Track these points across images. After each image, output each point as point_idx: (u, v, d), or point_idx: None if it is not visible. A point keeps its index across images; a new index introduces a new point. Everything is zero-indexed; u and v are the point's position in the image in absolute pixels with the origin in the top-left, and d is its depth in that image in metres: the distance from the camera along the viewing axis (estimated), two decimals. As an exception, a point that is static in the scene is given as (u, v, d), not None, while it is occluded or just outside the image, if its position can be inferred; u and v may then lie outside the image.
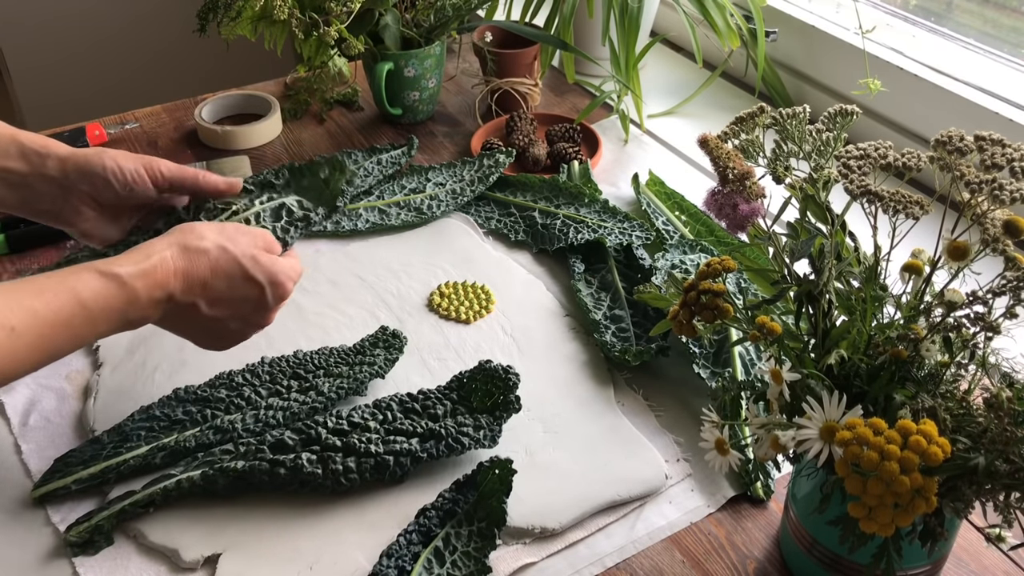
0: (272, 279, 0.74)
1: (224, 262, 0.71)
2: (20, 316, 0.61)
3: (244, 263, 0.72)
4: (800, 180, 0.65)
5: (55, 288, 0.64)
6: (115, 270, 0.66)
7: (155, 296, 0.68)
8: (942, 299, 0.57)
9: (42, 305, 0.62)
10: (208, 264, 0.71)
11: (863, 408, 0.56)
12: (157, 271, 0.68)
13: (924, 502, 0.50)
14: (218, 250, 0.71)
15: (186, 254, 0.70)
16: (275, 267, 0.74)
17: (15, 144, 0.77)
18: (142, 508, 0.73)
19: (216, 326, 0.74)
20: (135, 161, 0.79)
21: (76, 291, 0.64)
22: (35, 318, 0.62)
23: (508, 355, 0.90)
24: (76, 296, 0.64)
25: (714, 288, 0.63)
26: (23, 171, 0.77)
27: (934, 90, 1.11)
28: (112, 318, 0.66)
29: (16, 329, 0.61)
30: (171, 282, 0.69)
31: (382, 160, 1.14)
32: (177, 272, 0.69)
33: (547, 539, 0.73)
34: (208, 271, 0.71)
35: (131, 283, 0.66)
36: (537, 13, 1.27)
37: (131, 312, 0.67)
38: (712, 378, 0.84)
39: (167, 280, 0.68)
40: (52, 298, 0.63)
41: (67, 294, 0.64)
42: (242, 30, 1.13)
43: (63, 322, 0.63)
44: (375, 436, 0.76)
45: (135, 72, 2.33)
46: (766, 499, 0.77)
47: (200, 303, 0.71)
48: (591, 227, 1.01)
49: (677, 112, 1.29)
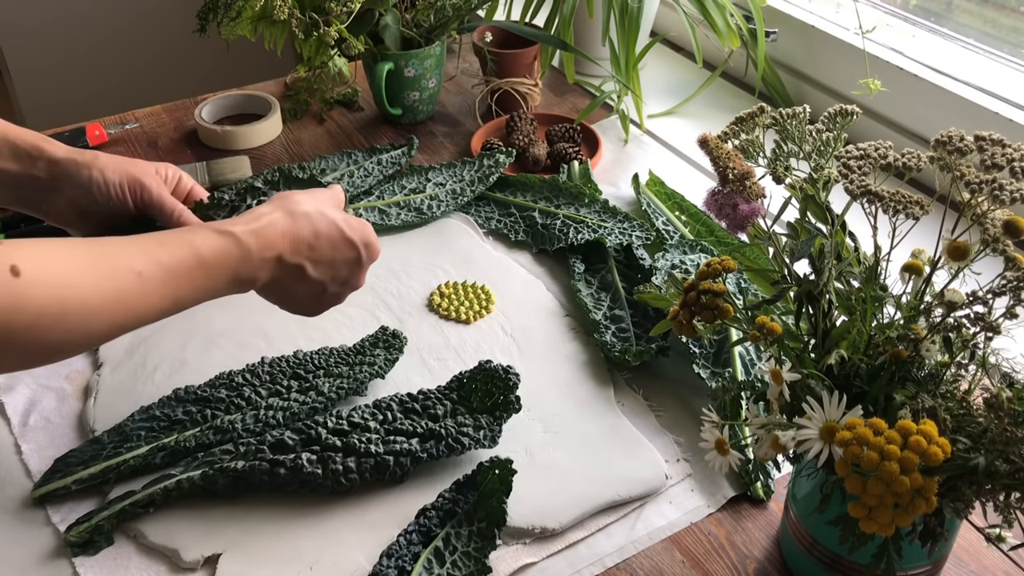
0: (365, 240, 0.77)
1: (324, 225, 0.74)
2: (145, 262, 0.63)
3: (342, 226, 0.75)
4: (800, 180, 0.65)
5: (176, 241, 0.67)
6: (229, 228, 0.69)
7: (266, 255, 0.71)
8: (942, 299, 0.57)
9: (166, 255, 0.65)
10: (311, 227, 0.74)
11: (863, 408, 0.56)
12: (267, 231, 0.71)
13: (924, 502, 0.50)
14: (318, 214, 0.74)
15: (291, 217, 0.73)
16: (366, 229, 0.78)
17: (8, 144, 0.77)
18: (142, 508, 0.73)
19: (317, 289, 0.76)
20: (122, 176, 0.79)
21: (195, 245, 0.67)
22: (159, 265, 0.64)
23: (508, 355, 0.90)
24: (195, 249, 0.67)
25: (714, 288, 0.63)
26: (13, 171, 0.77)
27: (934, 90, 1.11)
28: (226, 275, 0.69)
29: (143, 274, 0.63)
30: (279, 242, 0.72)
31: (382, 160, 1.14)
32: (286, 233, 0.72)
33: (547, 539, 0.73)
34: (311, 233, 0.73)
35: (245, 240, 0.69)
36: (537, 13, 1.27)
37: (243, 269, 0.70)
38: (712, 378, 0.84)
39: (276, 240, 0.71)
40: (175, 249, 0.66)
41: (187, 247, 0.66)
42: (242, 30, 1.13)
43: (185, 273, 0.66)
44: (375, 436, 0.76)
45: (135, 72, 2.33)
46: (766, 499, 0.77)
47: (307, 265, 0.74)
48: (591, 227, 1.01)
49: (677, 112, 1.29)
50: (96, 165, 0.78)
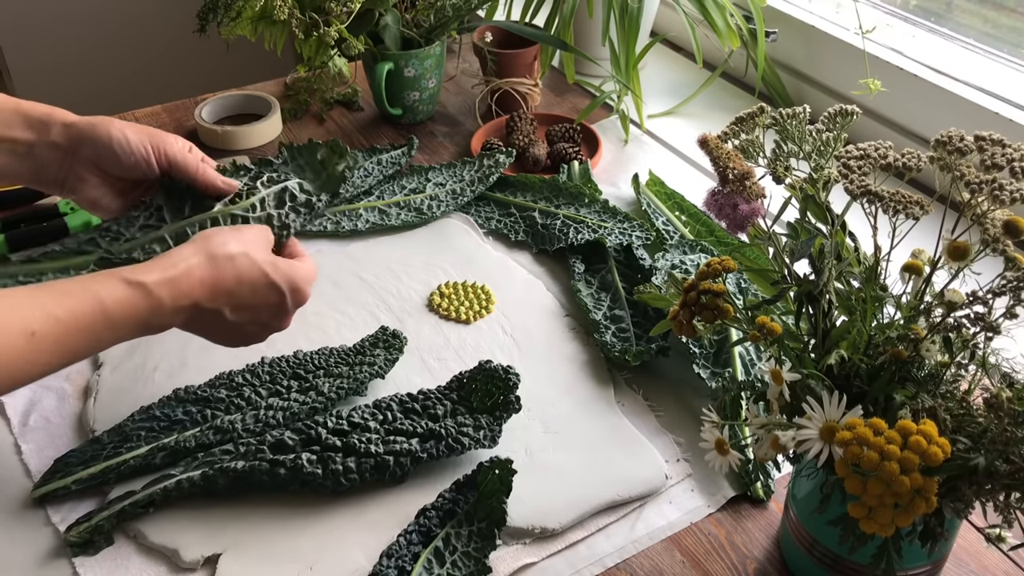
0: (292, 285, 0.74)
1: (248, 269, 0.72)
2: (41, 321, 0.61)
3: (267, 270, 0.73)
4: (800, 180, 0.65)
5: (79, 294, 0.64)
6: (141, 279, 0.66)
7: (180, 304, 0.68)
8: (942, 299, 0.57)
9: (64, 312, 0.62)
10: (233, 272, 0.71)
11: (863, 408, 0.56)
12: (183, 280, 0.68)
13: (924, 502, 0.50)
14: (243, 258, 0.72)
15: (213, 262, 0.70)
16: (295, 273, 0.75)
17: (19, 114, 0.76)
18: (142, 508, 0.73)
19: (236, 330, 0.74)
20: (143, 135, 0.78)
21: (100, 298, 0.64)
22: (57, 323, 0.62)
23: (508, 355, 0.90)
24: (99, 303, 0.64)
25: (714, 288, 0.63)
26: (29, 140, 0.76)
27: (934, 90, 1.11)
28: (133, 325, 0.66)
29: (37, 334, 0.61)
30: (196, 291, 0.69)
31: (382, 160, 1.14)
32: (204, 281, 0.69)
33: (547, 539, 0.73)
34: (233, 279, 0.71)
35: (157, 292, 0.66)
36: (537, 13, 1.27)
37: (154, 320, 0.67)
38: (712, 378, 0.84)
39: (192, 289, 0.69)
40: (76, 304, 0.63)
41: (91, 301, 0.64)
42: (242, 30, 1.13)
43: (85, 328, 0.63)
44: (375, 436, 0.76)
45: (135, 72, 2.33)
46: (766, 499, 0.77)
47: (224, 310, 0.71)
48: (591, 227, 1.01)
49: (677, 112, 1.29)
50: (115, 125, 0.76)
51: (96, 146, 0.76)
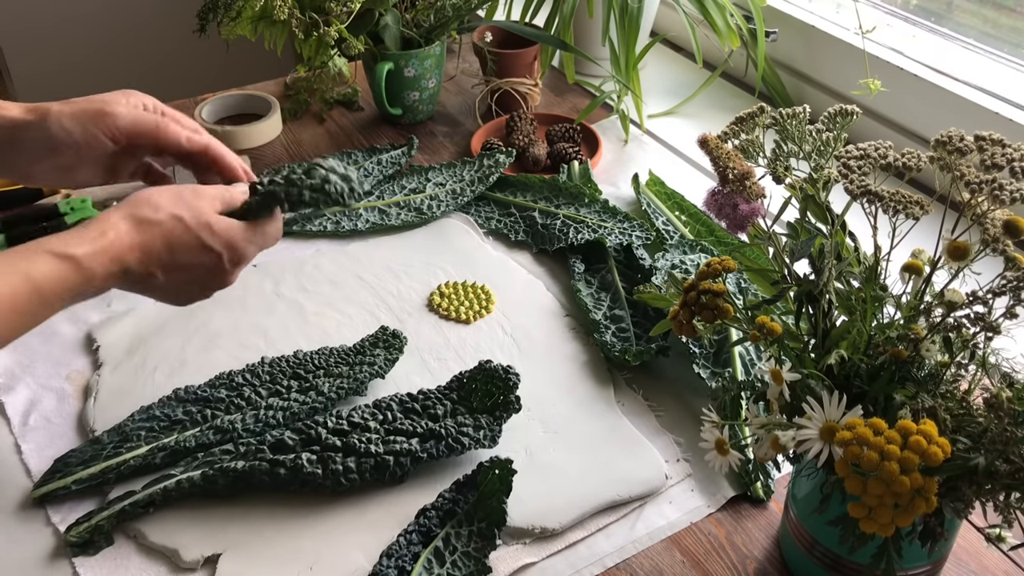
0: (229, 244, 0.72)
1: (179, 232, 0.69)
2: None
3: (200, 233, 0.70)
4: (800, 180, 0.65)
5: (8, 275, 0.62)
6: (70, 251, 0.65)
7: (111, 270, 0.67)
8: (942, 299, 0.57)
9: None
10: (163, 236, 0.69)
11: (863, 408, 0.56)
12: (112, 247, 0.67)
13: (924, 502, 0.50)
14: (172, 220, 0.69)
15: (140, 227, 0.68)
16: (231, 234, 0.72)
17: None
18: (142, 508, 0.73)
19: (174, 288, 0.72)
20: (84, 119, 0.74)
21: (29, 275, 0.63)
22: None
23: (508, 355, 0.90)
24: (29, 280, 0.63)
25: (714, 288, 0.63)
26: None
27: (934, 90, 1.11)
28: (67, 297, 0.65)
29: None
30: (126, 256, 0.67)
31: (382, 160, 1.14)
32: (133, 247, 0.68)
33: (547, 539, 0.73)
34: (163, 243, 0.69)
35: (87, 263, 0.65)
36: (537, 13, 1.27)
37: (87, 289, 0.66)
38: (712, 378, 0.84)
39: (122, 255, 0.67)
40: (5, 287, 0.62)
41: (19, 277, 0.63)
42: (242, 30, 1.13)
43: (19, 308, 0.62)
44: (375, 436, 0.76)
45: (135, 73, 2.33)
46: (766, 499, 0.77)
47: (156, 272, 0.69)
48: (591, 227, 1.01)
49: (677, 112, 1.29)
50: (51, 117, 0.73)
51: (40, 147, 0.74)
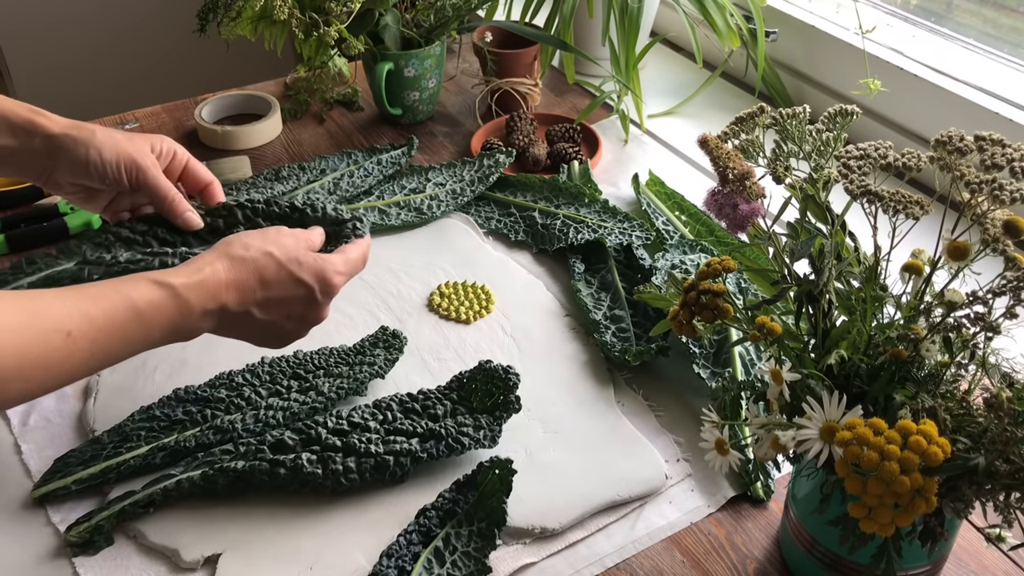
0: (319, 276, 0.75)
1: (272, 268, 0.72)
2: (77, 321, 0.62)
3: (290, 267, 0.73)
4: (800, 180, 0.65)
5: (111, 295, 0.65)
6: (169, 280, 0.67)
7: (208, 307, 0.69)
8: (942, 299, 0.57)
9: (98, 311, 0.63)
10: (257, 272, 0.72)
11: (863, 408, 0.56)
12: (209, 282, 0.69)
13: (924, 502, 0.50)
14: (265, 257, 0.72)
15: (235, 265, 0.71)
16: (320, 265, 0.75)
17: (3, 120, 0.77)
18: (142, 508, 0.73)
19: (271, 328, 0.75)
20: (120, 156, 0.78)
21: (131, 299, 0.65)
22: (91, 324, 0.63)
23: (508, 355, 0.90)
24: (131, 303, 0.65)
25: (714, 288, 0.63)
26: (11, 146, 0.77)
27: (934, 90, 1.11)
28: (163, 326, 0.67)
29: (72, 334, 0.62)
30: (223, 293, 0.70)
31: (382, 160, 1.14)
32: (229, 284, 0.70)
33: (547, 539, 0.73)
34: (257, 279, 0.72)
35: (184, 294, 0.68)
36: (537, 13, 1.27)
37: (183, 323, 0.68)
38: (712, 378, 0.84)
39: (219, 291, 0.70)
40: (108, 305, 0.64)
41: (122, 301, 0.65)
42: (242, 30, 1.13)
43: (118, 328, 0.64)
44: (375, 436, 0.76)
45: (135, 73, 2.34)
46: (766, 499, 0.77)
47: (253, 310, 0.72)
48: (591, 227, 1.01)
49: (677, 112, 1.29)
50: (93, 143, 0.77)
51: (73, 162, 0.77)
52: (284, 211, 0.83)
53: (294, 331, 0.77)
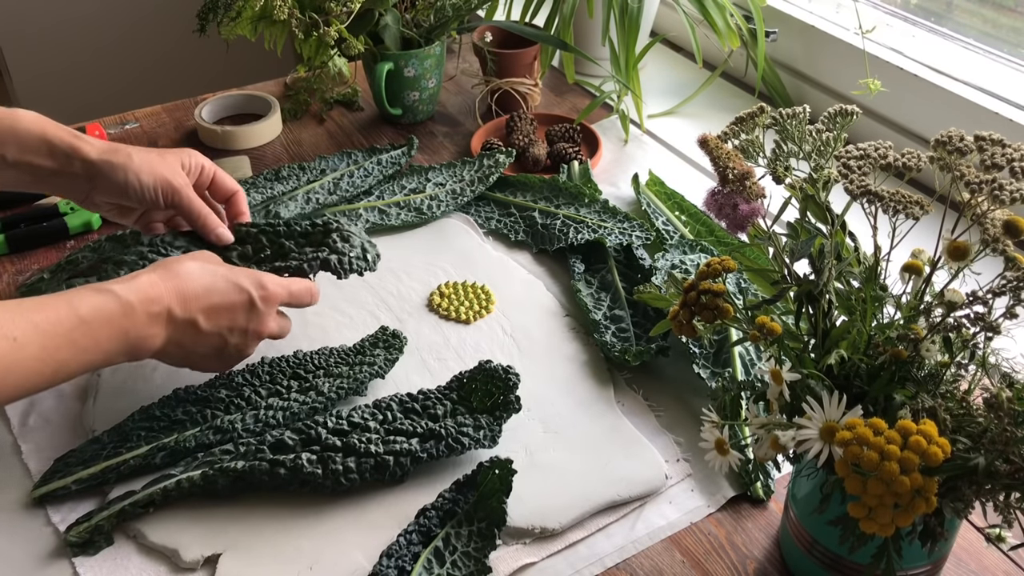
0: (256, 282, 0.77)
1: (208, 275, 0.75)
2: (22, 327, 0.64)
3: (226, 274, 0.76)
4: (800, 180, 0.65)
5: (54, 303, 0.67)
6: (108, 286, 0.70)
7: (152, 310, 0.71)
8: (942, 299, 0.57)
9: (42, 318, 0.65)
10: (194, 280, 0.74)
11: (863, 408, 0.56)
12: (145, 287, 0.71)
13: (924, 502, 0.50)
14: (200, 267, 0.75)
15: (170, 274, 0.73)
16: (256, 273, 0.78)
17: (44, 142, 0.81)
18: (142, 508, 0.73)
19: (218, 342, 0.76)
20: (158, 179, 0.83)
21: (74, 305, 0.67)
22: (36, 329, 0.64)
23: (508, 355, 0.90)
24: (74, 309, 0.67)
25: (714, 288, 0.63)
26: (51, 167, 0.81)
27: (934, 90, 1.11)
28: (113, 334, 0.69)
29: (18, 340, 0.63)
30: (164, 297, 0.72)
31: (382, 160, 1.14)
32: (169, 290, 0.72)
33: (547, 539, 0.73)
34: (197, 286, 0.74)
35: (125, 295, 0.69)
36: (537, 13, 1.27)
37: (131, 328, 0.70)
38: (712, 378, 0.84)
39: (159, 295, 0.72)
40: (52, 313, 0.66)
41: (66, 308, 0.67)
42: (242, 30, 1.13)
43: (64, 335, 0.66)
44: (375, 436, 0.76)
45: (135, 73, 2.34)
46: (766, 499, 0.77)
47: (198, 318, 0.74)
48: (591, 227, 1.01)
49: (677, 112, 1.29)
50: (131, 168, 0.82)
51: (111, 185, 0.82)
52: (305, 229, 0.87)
53: (241, 346, 0.78)
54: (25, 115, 0.81)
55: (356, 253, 0.86)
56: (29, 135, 0.80)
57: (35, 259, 1.02)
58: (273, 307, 0.79)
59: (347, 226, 0.88)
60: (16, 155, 0.81)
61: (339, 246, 0.86)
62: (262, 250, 0.86)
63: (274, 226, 0.87)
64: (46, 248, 1.03)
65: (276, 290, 0.78)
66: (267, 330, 0.79)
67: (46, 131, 0.81)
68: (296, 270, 0.84)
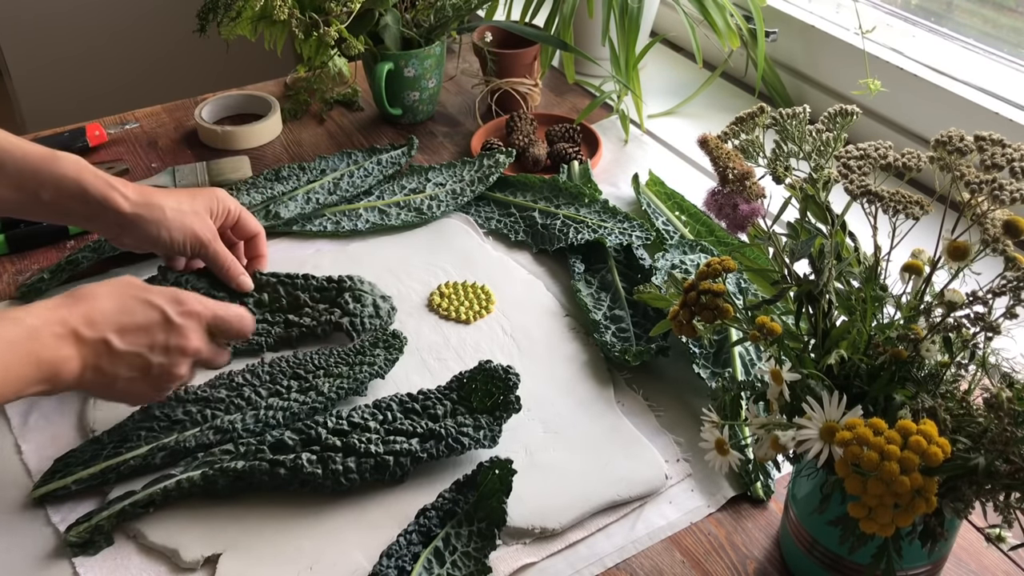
0: (171, 297, 0.74)
1: (117, 295, 0.73)
2: None
3: (137, 292, 0.74)
4: (800, 180, 0.65)
5: None
6: (13, 312, 0.68)
7: (57, 331, 0.68)
8: (942, 299, 0.57)
9: None
10: (102, 298, 0.72)
11: (863, 408, 0.56)
12: (51, 310, 0.69)
13: (924, 502, 0.50)
14: (109, 289, 0.73)
15: (76, 297, 0.71)
16: (171, 288, 0.76)
17: (81, 190, 0.82)
18: (142, 508, 0.73)
19: (140, 363, 0.73)
20: (186, 235, 0.86)
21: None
22: None
23: (508, 355, 0.90)
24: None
25: (714, 288, 0.63)
26: (84, 213, 0.83)
27: (934, 90, 1.11)
28: (23, 359, 0.66)
29: None
30: (69, 319, 0.69)
31: (382, 160, 1.14)
32: (73, 312, 0.70)
33: (547, 539, 0.73)
34: (105, 304, 0.71)
35: (27, 320, 0.67)
36: (537, 13, 1.27)
37: (40, 351, 0.67)
38: (712, 378, 0.84)
39: (64, 317, 0.69)
40: None
41: None
42: (242, 30, 1.13)
43: None
44: (375, 436, 0.76)
45: (135, 73, 2.33)
46: (766, 499, 0.77)
47: (111, 338, 0.71)
48: (591, 227, 1.01)
49: (677, 112, 1.29)
50: (164, 224, 0.85)
51: (142, 236, 0.85)
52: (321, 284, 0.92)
53: (167, 365, 0.74)
54: (66, 159, 0.82)
55: (369, 312, 0.91)
56: (66, 179, 0.82)
57: (35, 259, 1.02)
58: (194, 323, 0.75)
59: (359, 284, 0.93)
60: (52, 197, 0.82)
61: (351, 307, 0.90)
62: (278, 299, 0.91)
63: (292, 277, 0.93)
64: (46, 248, 1.03)
65: (196, 307, 0.75)
66: (191, 346, 0.74)
67: (83, 178, 0.82)
68: (310, 330, 0.89)
